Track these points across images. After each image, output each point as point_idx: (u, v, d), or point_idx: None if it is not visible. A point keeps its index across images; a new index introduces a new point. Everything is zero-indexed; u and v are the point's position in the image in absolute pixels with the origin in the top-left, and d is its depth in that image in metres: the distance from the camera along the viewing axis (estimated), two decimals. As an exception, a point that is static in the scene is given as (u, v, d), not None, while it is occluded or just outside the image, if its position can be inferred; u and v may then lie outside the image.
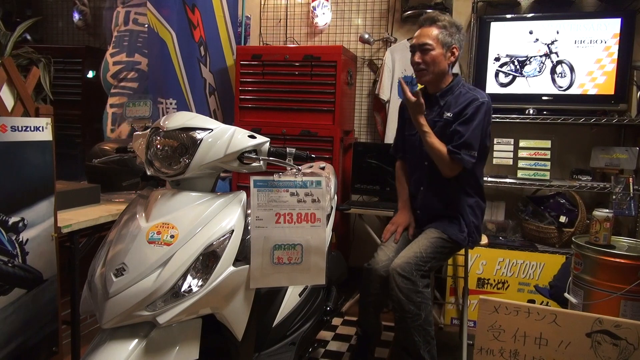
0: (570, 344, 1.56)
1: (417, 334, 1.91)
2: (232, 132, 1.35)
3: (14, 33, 2.97)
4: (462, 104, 2.00)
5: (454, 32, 2.03)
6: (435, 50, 2.01)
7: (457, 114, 2.00)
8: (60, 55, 3.66)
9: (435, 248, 2.01)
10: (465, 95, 2.02)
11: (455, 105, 2.03)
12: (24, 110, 1.76)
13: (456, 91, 2.06)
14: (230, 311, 1.31)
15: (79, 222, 1.84)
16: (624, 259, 1.93)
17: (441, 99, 2.08)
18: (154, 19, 3.09)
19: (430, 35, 2.01)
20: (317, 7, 3.49)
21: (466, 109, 1.98)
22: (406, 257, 1.95)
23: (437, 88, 2.10)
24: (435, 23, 2.02)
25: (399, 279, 1.89)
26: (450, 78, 2.09)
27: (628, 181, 2.71)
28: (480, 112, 1.97)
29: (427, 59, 2.02)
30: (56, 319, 1.84)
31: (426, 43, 2.01)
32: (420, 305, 1.89)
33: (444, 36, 2.01)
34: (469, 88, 2.07)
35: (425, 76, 2.06)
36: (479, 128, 1.97)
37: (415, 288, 1.89)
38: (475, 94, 2.02)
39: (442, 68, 2.04)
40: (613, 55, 2.81)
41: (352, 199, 3.23)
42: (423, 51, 2.02)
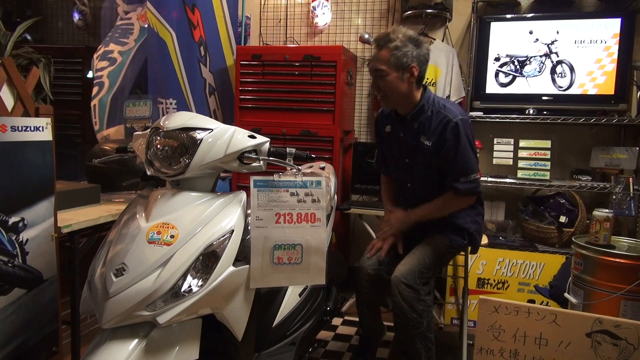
0: (570, 344, 1.56)
1: (418, 341, 1.91)
2: (232, 132, 1.35)
3: (14, 33, 2.96)
4: (438, 130, 1.89)
5: (410, 50, 1.85)
6: (390, 75, 1.86)
7: (437, 144, 1.90)
8: (60, 55, 3.65)
9: (438, 254, 2.00)
10: (438, 117, 1.90)
11: (430, 129, 1.91)
12: (24, 110, 1.76)
13: (427, 110, 1.92)
14: (230, 311, 1.31)
15: (79, 222, 1.84)
16: (624, 259, 1.93)
17: (414, 121, 1.96)
18: (154, 19, 3.09)
19: (382, 60, 1.86)
20: (317, 7, 3.49)
21: (444, 135, 1.88)
22: (409, 264, 1.93)
23: (406, 109, 1.97)
24: (387, 45, 1.85)
25: (402, 287, 1.87)
26: (417, 96, 1.94)
27: (628, 181, 2.71)
28: (459, 133, 1.86)
29: (383, 86, 1.89)
30: (56, 319, 1.84)
31: (378, 69, 1.88)
32: (422, 313, 1.88)
33: (397, 58, 1.84)
34: (439, 106, 1.92)
35: (387, 103, 1.98)
36: (466, 149, 1.88)
37: (417, 296, 1.88)
38: (447, 114, 1.88)
39: (401, 92, 1.89)
40: (613, 55, 2.81)
41: (352, 198, 3.23)
42: (378, 77, 1.90)
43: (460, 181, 1.91)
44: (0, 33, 2.80)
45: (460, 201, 1.99)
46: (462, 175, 1.91)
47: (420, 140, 1.94)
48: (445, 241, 2.02)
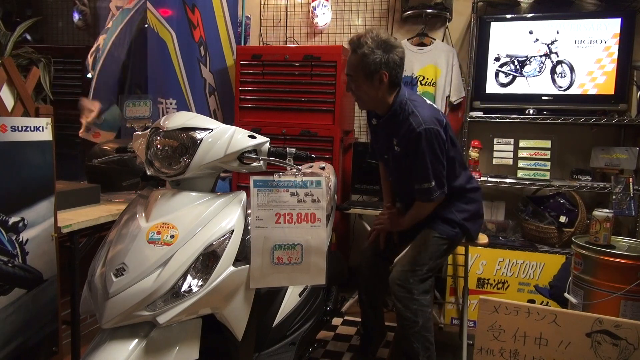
0: (570, 344, 1.56)
1: (415, 340, 1.92)
2: (232, 132, 1.35)
3: (14, 33, 2.97)
4: (405, 138, 1.88)
5: (378, 56, 1.81)
6: (359, 80, 1.87)
7: (403, 150, 1.92)
8: (60, 55, 3.66)
9: (430, 248, 2.00)
10: (405, 125, 1.87)
11: (399, 135, 1.92)
12: (24, 110, 1.76)
13: (399, 115, 1.91)
14: (230, 311, 1.31)
15: (79, 222, 1.84)
16: (624, 259, 1.93)
17: (388, 123, 1.97)
18: (154, 19, 3.09)
19: (352, 65, 1.87)
20: (317, 7, 3.49)
21: (408, 144, 1.88)
22: (402, 265, 1.98)
23: (382, 111, 1.98)
24: (356, 51, 1.84)
25: (395, 288, 1.93)
26: (391, 99, 1.92)
27: (628, 181, 2.71)
28: (420, 142, 1.83)
29: (355, 91, 1.92)
30: (56, 319, 1.84)
31: (349, 74, 1.91)
32: (417, 312, 1.91)
33: (365, 65, 1.82)
34: (409, 111, 1.88)
35: (361, 105, 2.04)
36: (422, 159, 1.86)
37: (411, 296, 1.91)
38: (412, 122, 1.84)
39: (372, 97, 1.90)
40: (613, 55, 2.81)
41: (352, 198, 3.23)
42: (350, 81, 1.92)
43: (415, 187, 1.94)
44: (0, 33, 2.81)
45: (425, 206, 1.99)
46: (417, 182, 1.92)
47: (392, 143, 1.97)
48: (434, 233, 2.02)
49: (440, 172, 1.91)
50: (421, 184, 1.91)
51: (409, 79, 3.23)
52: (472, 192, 2.10)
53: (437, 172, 1.89)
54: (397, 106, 1.91)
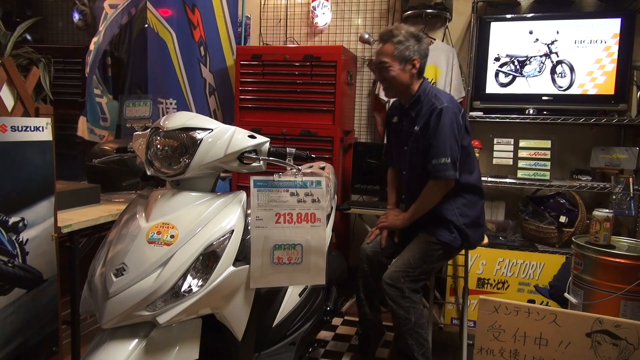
0: (570, 344, 1.56)
1: (409, 337, 1.97)
2: (232, 132, 1.35)
3: (14, 33, 2.97)
4: (426, 116, 1.99)
5: (412, 44, 1.99)
6: (393, 67, 2.00)
7: (423, 128, 2.00)
8: (60, 55, 3.65)
9: (425, 252, 2.03)
10: (428, 105, 2.00)
11: (422, 116, 2.01)
12: (24, 110, 1.76)
13: (423, 100, 2.03)
14: (230, 311, 1.31)
15: (79, 222, 1.84)
16: (624, 259, 1.93)
17: (412, 110, 2.07)
18: (154, 19, 3.09)
19: (386, 53, 2.01)
20: (317, 7, 3.49)
21: (429, 121, 1.97)
22: (395, 266, 2.04)
23: (406, 99, 2.10)
24: (391, 40, 2.00)
25: (387, 288, 1.99)
26: (416, 87, 2.06)
27: (628, 181, 2.71)
28: (442, 119, 1.93)
29: (387, 77, 2.02)
30: (56, 319, 1.84)
31: (382, 61, 2.02)
32: (408, 309, 1.96)
33: (400, 51, 1.98)
34: (432, 95, 2.03)
35: (389, 92, 2.12)
36: (442, 133, 1.94)
37: (401, 294, 1.97)
38: (435, 102, 1.98)
39: (403, 82, 2.03)
40: (613, 55, 2.81)
41: (352, 199, 3.23)
42: (382, 70, 2.03)
43: (431, 163, 1.96)
44: (0, 33, 2.81)
45: (437, 187, 2.01)
46: (434, 157, 1.96)
47: (414, 127, 2.04)
48: (431, 238, 2.05)
49: (456, 152, 1.96)
50: (438, 159, 1.94)
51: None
52: (478, 193, 2.13)
53: (453, 151, 1.95)
54: (421, 92, 2.05)
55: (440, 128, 1.94)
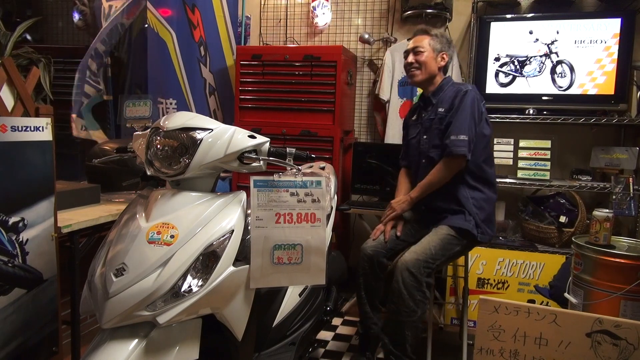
0: (570, 344, 1.56)
1: (408, 329, 1.99)
2: (232, 132, 1.35)
3: (14, 33, 2.97)
4: (451, 98, 2.14)
5: (445, 42, 2.22)
6: (427, 53, 2.19)
7: (448, 109, 2.13)
8: (60, 55, 3.65)
9: (445, 245, 2.05)
10: (452, 90, 2.17)
11: (446, 100, 2.16)
12: (24, 110, 1.76)
13: (446, 88, 2.21)
14: (230, 311, 1.31)
15: (79, 222, 1.84)
16: (624, 259, 1.93)
17: (434, 97, 2.22)
18: (154, 19, 3.09)
19: (422, 41, 2.21)
20: (317, 7, 3.49)
21: (454, 101, 2.12)
22: (416, 252, 2.01)
23: (428, 89, 2.25)
24: (427, 33, 2.23)
25: (405, 274, 1.96)
26: (440, 79, 2.24)
27: (628, 181, 2.70)
28: (465, 99, 2.08)
29: (420, 59, 2.19)
30: (56, 319, 1.84)
31: (418, 46, 2.20)
32: (419, 303, 1.97)
33: (435, 43, 2.20)
34: (456, 83, 2.24)
35: (417, 76, 2.22)
36: (464, 112, 2.06)
37: (418, 286, 1.97)
38: (459, 86, 2.19)
39: (432, 69, 2.20)
40: (613, 55, 2.81)
41: (352, 199, 3.23)
42: (416, 53, 2.20)
43: (450, 138, 2.06)
44: (1, 33, 2.81)
45: (449, 164, 2.07)
46: (452, 133, 2.06)
47: (438, 112, 2.17)
48: (451, 232, 2.07)
49: (473, 133, 2.06)
50: (457, 135, 2.04)
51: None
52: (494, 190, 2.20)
53: (471, 130, 2.06)
54: (445, 82, 2.24)
55: (463, 107, 2.07)
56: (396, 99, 3.26)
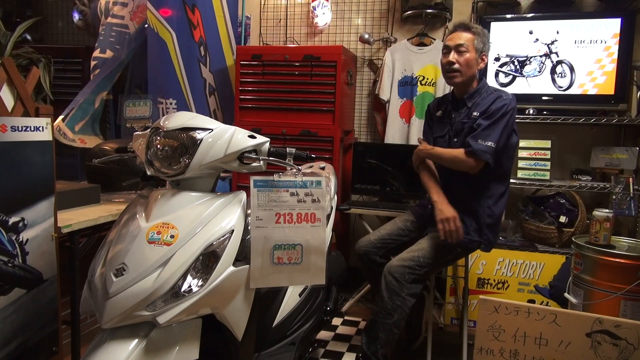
0: (570, 344, 1.56)
1: (382, 330, 2.01)
2: (232, 132, 1.35)
3: (14, 33, 2.97)
4: (488, 103, 2.03)
5: (486, 40, 2.10)
6: (470, 54, 2.05)
7: (483, 112, 2.03)
8: (60, 55, 3.66)
9: (436, 254, 2.02)
10: (492, 95, 2.06)
11: (482, 104, 2.05)
12: (24, 110, 1.76)
13: (483, 93, 2.09)
14: (230, 311, 1.31)
15: (79, 222, 1.84)
16: (624, 259, 1.93)
17: (469, 100, 2.11)
18: (154, 18, 3.09)
19: (466, 39, 2.05)
20: (317, 7, 3.49)
21: (490, 106, 2.01)
22: (403, 259, 2.02)
23: (464, 91, 2.12)
24: (470, 29, 2.08)
25: (389, 278, 1.99)
26: (477, 83, 2.13)
27: (628, 181, 2.70)
28: (504, 107, 1.98)
29: (462, 61, 2.05)
30: (56, 319, 1.84)
31: (462, 44, 2.04)
32: (397, 308, 1.99)
33: (478, 42, 2.06)
34: (494, 89, 2.11)
35: (456, 78, 2.08)
36: (498, 122, 1.97)
37: (399, 292, 1.98)
38: (500, 93, 2.06)
39: (473, 72, 2.08)
40: (613, 55, 2.81)
41: (352, 199, 3.23)
42: (458, 52, 2.05)
43: (477, 141, 1.96)
44: (1, 33, 2.81)
45: (467, 161, 1.98)
46: (482, 137, 1.96)
47: (472, 116, 2.06)
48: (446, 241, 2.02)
49: (502, 143, 1.98)
50: (485, 140, 1.95)
51: (409, 79, 3.23)
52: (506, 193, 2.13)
53: (501, 140, 1.97)
54: (482, 86, 2.11)
55: (500, 115, 1.97)
56: (396, 99, 3.26)
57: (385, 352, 2.02)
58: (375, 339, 2.01)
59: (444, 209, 1.98)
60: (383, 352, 2.02)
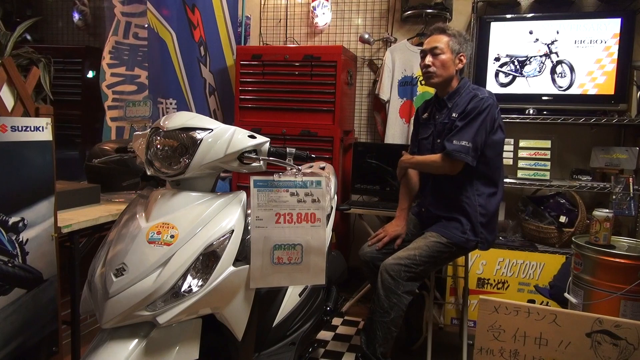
0: (570, 344, 1.56)
1: (380, 328, 2.02)
2: (232, 132, 1.35)
3: (14, 33, 2.96)
4: (465, 103, 2.06)
5: (462, 41, 2.12)
6: (445, 55, 2.08)
7: (461, 113, 2.06)
8: (60, 56, 3.66)
9: (432, 252, 2.03)
10: (469, 95, 2.08)
11: (460, 104, 2.08)
12: (24, 110, 1.76)
13: (462, 92, 2.12)
14: (230, 311, 1.31)
15: (79, 222, 1.84)
16: (623, 259, 1.93)
17: (449, 101, 2.14)
18: (154, 19, 3.09)
19: (440, 41, 2.10)
20: (317, 7, 3.49)
21: (466, 107, 2.04)
22: (398, 257, 2.03)
23: (444, 91, 2.16)
24: (445, 32, 2.12)
25: (385, 276, 2.00)
26: (457, 82, 2.15)
27: (628, 181, 2.71)
28: (479, 106, 2.01)
29: (437, 63, 2.09)
30: (56, 319, 1.84)
31: (437, 47, 2.09)
32: (393, 306, 2.00)
33: (454, 43, 2.09)
34: (473, 88, 2.13)
35: (433, 78, 2.12)
36: (473, 121, 2.00)
37: (395, 290, 1.99)
38: (477, 92, 2.07)
39: (450, 72, 2.10)
40: (613, 55, 2.81)
41: (352, 198, 3.23)
42: (434, 55, 2.10)
43: (452, 141, 2.00)
44: (1, 33, 2.80)
45: (445, 163, 2.03)
46: (456, 137, 2.00)
47: (451, 117, 2.10)
48: (441, 239, 2.05)
49: (480, 142, 2.01)
50: (460, 140, 1.99)
51: (409, 79, 3.23)
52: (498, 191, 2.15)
53: (477, 138, 2.00)
54: (462, 86, 2.14)
55: (475, 114, 2.00)
56: (396, 99, 3.26)
57: (384, 350, 2.03)
58: (374, 338, 2.02)
59: (391, 223, 2.25)
60: (382, 350, 2.02)
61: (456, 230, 2.06)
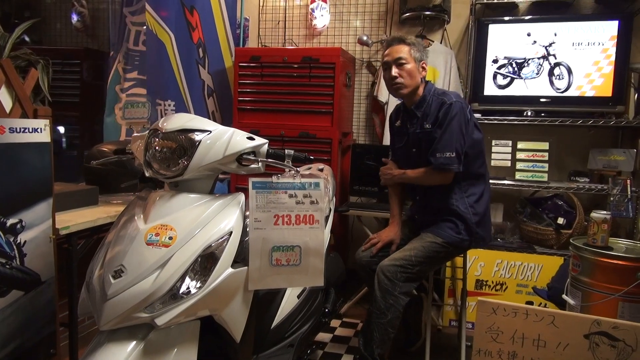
0: (568, 346, 1.56)
1: (377, 330, 2.02)
2: (231, 133, 1.35)
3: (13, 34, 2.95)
4: (435, 112, 2.06)
5: (422, 49, 2.13)
6: (410, 64, 2.08)
7: (434, 124, 2.06)
8: (59, 57, 3.65)
9: (427, 252, 2.04)
10: (436, 102, 2.08)
11: (431, 114, 2.07)
12: (22, 111, 1.76)
13: (429, 99, 2.11)
14: (228, 313, 1.30)
15: (77, 224, 1.84)
16: (621, 260, 1.93)
17: (417, 110, 2.13)
18: (153, 20, 3.09)
19: (403, 51, 2.08)
20: (315, 9, 3.49)
21: (438, 115, 2.04)
22: (394, 258, 2.04)
23: (411, 101, 2.15)
24: (405, 41, 2.11)
25: (381, 277, 2.01)
26: (422, 90, 2.14)
27: (626, 183, 2.71)
28: (450, 112, 2.00)
29: (404, 73, 2.08)
30: (54, 320, 1.83)
31: (401, 57, 2.08)
32: (390, 307, 2.00)
33: (415, 52, 2.09)
34: (439, 93, 2.11)
35: (402, 90, 2.10)
36: (451, 127, 2.00)
37: (392, 291, 1.99)
38: (444, 98, 2.06)
39: (417, 81, 2.10)
40: (610, 58, 2.82)
41: (350, 200, 3.23)
42: (399, 65, 2.08)
43: (435, 156, 2.01)
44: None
45: (436, 176, 2.06)
46: (439, 150, 2.01)
47: (424, 127, 2.09)
48: (436, 239, 2.07)
49: (461, 146, 2.01)
50: (443, 152, 2.00)
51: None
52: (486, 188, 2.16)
53: (458, 145, 2.00)
54: (427, 92, 2.13)
55: (447, 122, 2.00)
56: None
57: (381, 352, 2.03)
58: (371, 340, 2.03)
59: (385, 230, 2.25)
60: (379, 352, 2.02)
61: (451, 230, 2.07)
